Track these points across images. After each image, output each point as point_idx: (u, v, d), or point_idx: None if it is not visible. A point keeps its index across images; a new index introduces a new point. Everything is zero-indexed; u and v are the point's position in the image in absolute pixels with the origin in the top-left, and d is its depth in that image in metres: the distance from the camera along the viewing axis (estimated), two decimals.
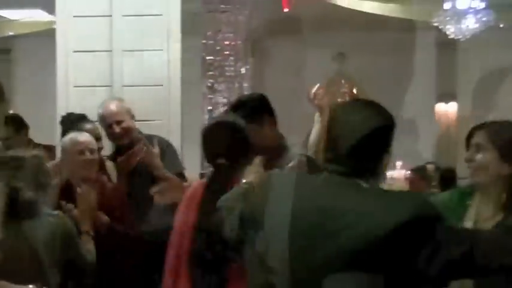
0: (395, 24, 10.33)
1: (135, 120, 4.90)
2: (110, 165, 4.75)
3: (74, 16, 5.79)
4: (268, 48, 12.02)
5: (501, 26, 7.56)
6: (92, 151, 4.19)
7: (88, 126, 4.70)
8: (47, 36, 7.31)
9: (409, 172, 8.37)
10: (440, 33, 8.36)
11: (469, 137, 2.92)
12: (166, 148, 4.80)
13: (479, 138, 2.85)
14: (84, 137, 4.26)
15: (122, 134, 4.76)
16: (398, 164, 8.84)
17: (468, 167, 2.87)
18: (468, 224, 2.79)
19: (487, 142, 2.80)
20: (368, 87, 10.05)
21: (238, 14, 9.78)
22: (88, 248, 3.77)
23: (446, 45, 10.69)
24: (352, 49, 11.04)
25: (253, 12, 10.03)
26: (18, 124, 5.84)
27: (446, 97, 12.10)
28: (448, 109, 12.15)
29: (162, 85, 5.74)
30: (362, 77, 10.60)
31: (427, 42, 11.62)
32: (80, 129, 4.48)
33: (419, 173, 7.94)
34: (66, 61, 5.74)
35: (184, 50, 5.81)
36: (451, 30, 7.45)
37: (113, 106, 4.82)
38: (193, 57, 8.34)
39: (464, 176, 3.55)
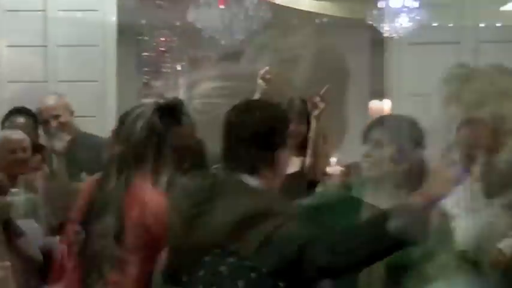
0: (331, 21, 10.41)
1: None
2: None
3: (7, 10, 5.71)
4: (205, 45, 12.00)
5: (434, 24, 7.67)
6: (24, 149, 4.12)
7: (21, 120, 4.60)
8: None
9: (344, 168, 8.42)
10: (374, 31, 8.45)
11: (367, 131, 2.95)
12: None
13: (377, 134, 2.88)
14: (17, 135, 4.19)
15: (58, 130, 4.56)
16: (333, 160, 8.90)
17: (365, 162, 2.92)
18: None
19: (385, 138, 2.84)
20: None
21: (174, 10, 9.74)
22: None
23: (381, 43, 10.82)
24: None
25: (190, 9, 9.99)
26: None
27: (380, 94, 12.23)
28: (382, 106, 12.29)
29: (97, 81, 5.71)
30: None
31: (361, 40, 11.74)
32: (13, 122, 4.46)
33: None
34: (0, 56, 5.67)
35: (120, 45, 5.78)
36: (385, 28, 7.55)
37: (51, 100, 4.68)
38: (128, 53, 8.29)
39: None
